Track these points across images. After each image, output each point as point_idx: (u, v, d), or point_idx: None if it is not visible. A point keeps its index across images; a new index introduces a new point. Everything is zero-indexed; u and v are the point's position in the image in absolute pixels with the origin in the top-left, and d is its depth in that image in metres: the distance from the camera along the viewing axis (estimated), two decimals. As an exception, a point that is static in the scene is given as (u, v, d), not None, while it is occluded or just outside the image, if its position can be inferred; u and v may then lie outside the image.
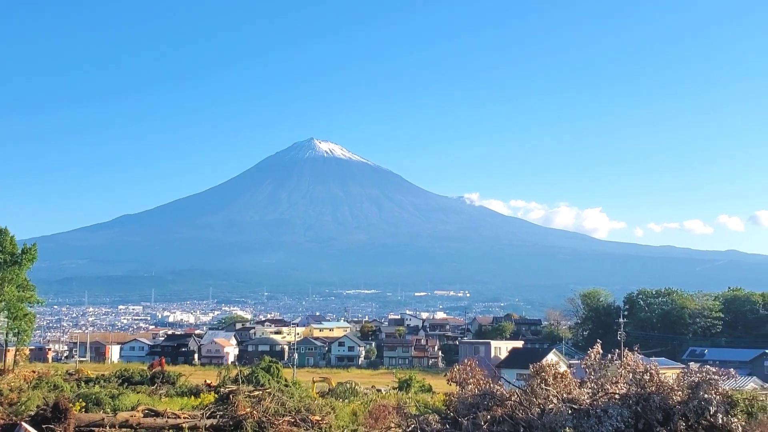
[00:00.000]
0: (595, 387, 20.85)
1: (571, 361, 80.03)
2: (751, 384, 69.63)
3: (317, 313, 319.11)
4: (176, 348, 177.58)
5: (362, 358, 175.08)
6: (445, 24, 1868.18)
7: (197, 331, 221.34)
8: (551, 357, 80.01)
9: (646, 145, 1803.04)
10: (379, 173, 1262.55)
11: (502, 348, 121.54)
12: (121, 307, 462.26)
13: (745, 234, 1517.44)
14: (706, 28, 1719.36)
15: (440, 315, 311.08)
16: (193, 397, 49.36)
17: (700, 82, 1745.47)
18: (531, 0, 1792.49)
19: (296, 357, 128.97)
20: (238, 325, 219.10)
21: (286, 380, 63.02)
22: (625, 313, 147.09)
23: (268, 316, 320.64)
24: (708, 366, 20.64)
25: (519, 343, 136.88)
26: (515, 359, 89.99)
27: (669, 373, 23.34)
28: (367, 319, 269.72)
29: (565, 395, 20.49)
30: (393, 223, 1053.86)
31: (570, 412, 19.57)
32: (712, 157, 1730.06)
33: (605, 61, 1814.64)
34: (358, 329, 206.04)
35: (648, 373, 20.11)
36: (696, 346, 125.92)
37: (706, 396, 18.69)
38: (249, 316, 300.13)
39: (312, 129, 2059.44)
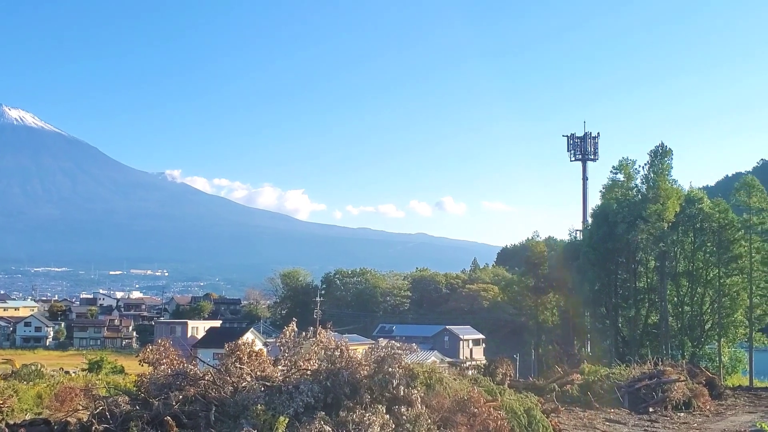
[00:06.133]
0: (289, 364, 21.31)
1: (268, 340, 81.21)
2: (432, 358, 74.76)
3: (2, 292, 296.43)
4: None
5: (51, 339, 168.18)
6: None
7: None
8: (248, 336, 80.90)
9: (343, 130, 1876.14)
10: (74, 145, 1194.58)
11: (199, 328, 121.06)
12: None
13: (432, 218, 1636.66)
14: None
15: (136, 294, 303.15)
16: None
17: (397, 74, 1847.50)
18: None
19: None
20: None
21: (-40, 365, 58.08)
22: (323, 292, 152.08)
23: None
24: (393, 341, 21.81)
25: (217, 323, 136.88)
26: (212, 339, 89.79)
27: (359, 348, 24.48)
28: (56, 298, 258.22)
29: (259, 373, 20.75)
30: (88, 198, 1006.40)
31: (263, 389, 19.86)
32: (403, 146, 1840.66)
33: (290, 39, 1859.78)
34: (46, 309, 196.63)
35: (339, 350, 20.88)
36: (386, 322, 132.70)
37: (390, 369, 19.77)
38: None
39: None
